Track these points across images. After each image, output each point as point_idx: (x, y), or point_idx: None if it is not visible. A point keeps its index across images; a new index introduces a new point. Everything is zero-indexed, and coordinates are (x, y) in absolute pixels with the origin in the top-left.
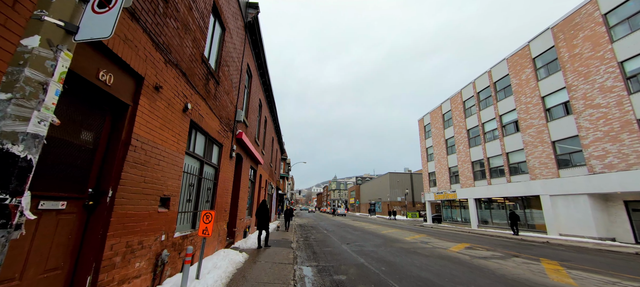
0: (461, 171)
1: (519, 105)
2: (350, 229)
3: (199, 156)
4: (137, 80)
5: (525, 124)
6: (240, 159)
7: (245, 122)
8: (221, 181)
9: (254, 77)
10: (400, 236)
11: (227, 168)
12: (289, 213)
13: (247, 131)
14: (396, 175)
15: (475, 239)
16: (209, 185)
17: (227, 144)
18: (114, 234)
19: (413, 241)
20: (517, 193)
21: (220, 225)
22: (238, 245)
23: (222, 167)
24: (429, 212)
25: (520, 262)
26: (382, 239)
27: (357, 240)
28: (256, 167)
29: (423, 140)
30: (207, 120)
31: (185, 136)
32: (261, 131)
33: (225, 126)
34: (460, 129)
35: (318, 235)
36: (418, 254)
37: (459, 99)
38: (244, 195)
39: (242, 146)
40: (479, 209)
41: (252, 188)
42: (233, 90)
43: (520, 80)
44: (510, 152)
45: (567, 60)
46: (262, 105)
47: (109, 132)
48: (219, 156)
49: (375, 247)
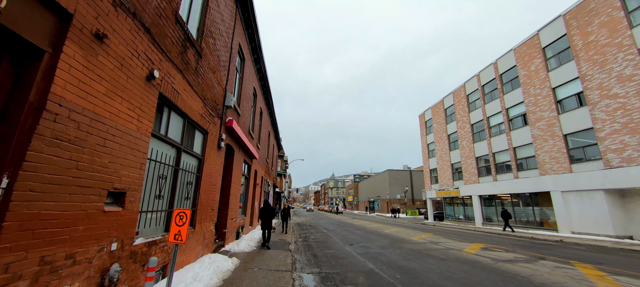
0: (464, 167)
1: (528, 97)
2: (352, 228)
3: (175, 141)
4: (60, 16)
5: (534, 117)
6: (231, 151)
7: (236, 110)
8: (206, 175)
9: (247, 61)
10: (405, 235)
11: (214, 160)
12: (286, 213)
13: (240, 121)
14: (395, 172)
15: (485, 237)
16: (189, 178)
17: (214, 132)
18: (12, 246)
19: (421, 241)
20: (525, 189)
21: (206, 226)
22: (229, 248)
23: (207, 159)
24: (430, 209)
25: (552, 267)
26: (388, 239)
27: (360, 240)
28: (250, 161)
29: (424, 136)
30: (186, 98)
31: (152, 113)
32: (256, 123)
33: (211, 110)
34: (463, 124)
35: (318, 235)
36: (432, 257)
37: (463, 93)
38: (235, 192)
39: (233, 136)
40: (484, 206)
41: (246, 184)
42: (221, 70)
43: (528, 72)
44: (518, 146)
45: (581, 48)
46: (256, 95)
47: (8, 91)
48: (204, 145)
49: (382, 248)
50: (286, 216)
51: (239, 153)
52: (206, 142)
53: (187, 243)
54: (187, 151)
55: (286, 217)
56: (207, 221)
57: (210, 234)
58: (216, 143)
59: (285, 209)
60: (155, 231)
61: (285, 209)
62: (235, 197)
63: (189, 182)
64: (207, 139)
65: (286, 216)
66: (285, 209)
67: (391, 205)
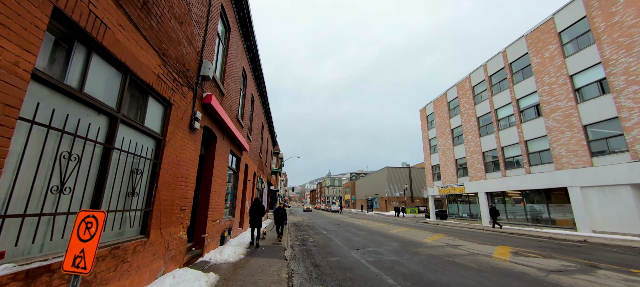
0: (470, 162)
1: (541, 86)
2: (353, 229)
3: (103, 104)
4: None
5: (549, 108)
6: (213, 137)
7: (219, 86)
8: (170, 163)
9: (233, 32)
10: (414, 236)
11: (183, 144)
12: (281, 215)
13: (224, 102)
14: (394, 170)
15: (503, 238)
16: (140, 165)
17: (184, 107)
18: None
19: (437, 244)
20: (538, 185)
21: (171, 232)
22: (209, 257)
23: (171, 141)
24: (432, 207)
25: (620, 279)
26: (397, 242)
27: (367, 243)
28: (240, 154)
29: (425, 131)
30: (126, 41)
31: (35, 40)
32: (246, 110)
33: (177, 74)
34: (468, 118)
35: (317, 237)
36: (463, 267)
37: (467, 85)
38: (219, 188)
39: (215, 118)
40: (490, 203)
41: (234, 180)
42: (192, 24)
43: (542, 59)
44: (530, 140)
45: (604, 31)
46: (247, 77)
47: None
48: (165, 121)
49: (395, 254)
50: (281, 218)
51: (223, 141)
52: (169, 117)
53: (135, 260)
54: (130, 122)
55: (281, 220)
56: (172, 226)
57: (179, 242)
58: (187, 122)
59: (279, 209)
60: (54, 247)
61: (280, 210)
62: (218, 194)
63: (136, 171)
64: (170, 113)
65: (281, 218)
66: (280, 210)
67: (390, 203)
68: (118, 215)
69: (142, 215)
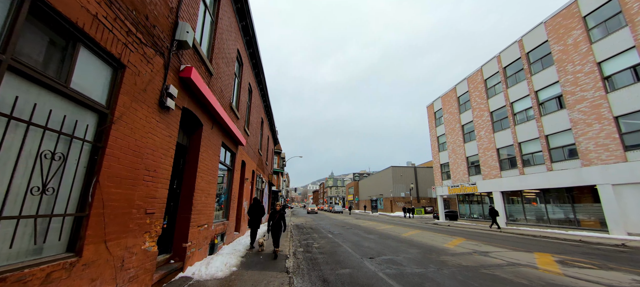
0: (483, 160)
1: (564, 76)
2: (361, 232)
3: None
4: None
5: (574, 99)
6: (197, 123)
7: (205, 63)
8: (124, 149)
9: (224, 5)
10: (432, 240)
11: (148, 125)
12: (278, 221)
13: (213, 84)
14: (399, 169)
15: (532, 243)
16: (64, 148)
17: (146, 74)
18: None
19: (461, 250)
20: (561, 183)
21: (129, 244)
22: (192, 272)
23: (126, 118)
24: (441, 208)
25: None
26: (415, 248)
27: (380, 250)
28: (235, 148)
29: (433, 128)
30: None
31: None
32: (243, 100)
33: (133, 26)
34: (481, 112)
35: (322, 242)
36: (509, 284)
37: (479, 78)
38: (207, 186)
39: (199, 99)
40: (507, 203)
41: (229, 178)
42: None
43: (565, 46)
44: (552, 134)
45: (638, 11)
46: (242, 62)
47: None
48: (114, 88)
49: (417, 264)
50: (278, 227)
51: (212, 131)
52: (120, 83)
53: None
54: (38, 78)
55: (278, 229)
56: (129, 236)
57: (143, 257)
58: (155, 97)
59: (275, 212)
60: None
61: (276, 214)
62: (206, 193)
63: (53, 156)
64: (122, 78)
65: (278, 227)
66: (276, 214)
67: (395, 203)
68: (25, 224)
69: (73, 223)
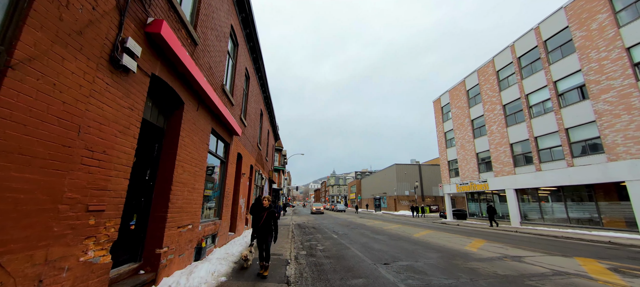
0: (495, 156)
1: (588, 64)
2: (368, 232)
3: None
4: None
5: (598, 88)
6: (177, 101)
7: (186, 27)
8: (36, 111)
9: None
10: (450, 242)
11: (87, 85)
12: (268, 221)
13: (198, 56)
14: (403, 167)
15: (558, 245)
16: None
17: (81, 8)
18: None
19: (489, 254)
20: (584, 180)
21: (58, 255)
22: (167, 285)
23: (45, 67)
24: (449, 206)
25: None
26: (434, 251)
27: (395, 254)
28: (229, 138)
29: (440, 123)
30: None
31: None
32: (238, 85)
33: None
34: (492, 106)
35: (327, 244)
36: None
37: (491, 69)
38: (191, 179)
39: (175, 67)
40: (521, 202)
41: (222, 171)
42: None
43: (588, 32)
44: (573, 127)
45: None
46: (237, 42)
47: None
48: (15, 13)
49: (445, 273)
50: (266, 229)
51: (198, 114)
52: (29, 8)
53: None
54: None
55: (265, 233)
56: (57, 243)
57: (83, 272)
58: (103, 48)
59: (265, 208)
60: None
61: (265, 211)
62: (189, 187)
63: None
64: (31, 3)
65: (266, 229)
66: (265, 211)
67: (399, 202)
68: None
69: None
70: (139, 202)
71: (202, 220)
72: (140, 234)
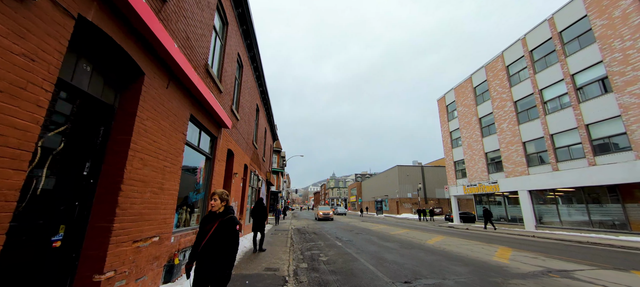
0: (505, 155)
1: (610, 54)
2: (375, 238)
3: None
4: None
5: (623, 80)
6: (134, 70)
7: None
8: None
9: None
10: (471, 250)
11: None
12: (220, 236)
13: (167, 15)
14: (405, 168)
15: (597, 253)
16: None
17: None
18: None
19: (529, 269)
20: (608, 180)
21: None
22: None
23: None
24: (455, 209)
25: None
26: (460, 264)
27: (414, 267)
28: (216, 130)
29: (445, 122)
30: None
31: None
32: (228, 70)
33: None
34: (502, 103)
35: (331, 253)
36: None
37: (500, 64)
38: (158, 176)
39: (124, 17)
40: (536, 204)
41: (208, 169)
42: None
43: (609, 20)
44: (594, 123)
45: None
46: (228, 22)
47: None
48: None
49: None
50: (212, 256)
51: (170, 92)
52: None
53: None
54: None
55: (209, 263)
56: None
57: None
58: None
59: (216, 215)
60: None
61: (215, 221)
62: (155, 187)
63: None
64: None
65: (212, 256)
66: (215, 221)
67: (402, 204)
68: None
69: None
70: (71, 208)
71: (176, 229)
72: (71, 254)
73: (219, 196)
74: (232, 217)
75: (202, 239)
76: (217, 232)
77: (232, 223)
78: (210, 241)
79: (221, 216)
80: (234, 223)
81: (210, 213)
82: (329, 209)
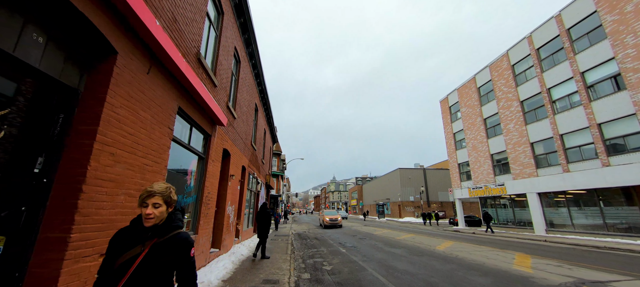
0: (512, 157)
1: (623, 50)
2: (381, 244)
3: None
4: None
5: (638, 77)
6: (104, 46)
7: None
8: None
9: None
10: (486, 257)
11: None
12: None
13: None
14: (407, 171)
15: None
16: None
17: None
18: None
19: (557, 280)
20: (624, 181)
21: None
22: None
23: None
24: (460, 213)
25: None
26: (480, 274)
27: (429, 278)
28: (210, 128)
29: (448, 124)
30: None
31: None
32: (224, 63)
33: None
34: (508, 103)
35: (335, 261)
36: None
37: (505, 64)
38: (136, 176)
39: None
40: (545, 207)
41: (200, 170)
42: None
43: (621, 15)
44: (606, 122)
45: None
46: (223, 11)
47: None
48: None
49: None
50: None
51: (151, 78)
52: None
53: None
54: None
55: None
56: None
57: None
58: None
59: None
60: None
61: (150, 245)
62: (128, 189)
63: None
64: None
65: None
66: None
67: (404, 208)
68: None
69: None
70: (16, 214)
71: None
72: (14, 273)
73: (162, 195)
74: (179, 235)
75: (125, 269)
76: (148, 266)
77: (181, 246)
78: (138, 270)
79: (159, 233)
80: (186, 246)
81: (137, 227)
82: (336, 213)
